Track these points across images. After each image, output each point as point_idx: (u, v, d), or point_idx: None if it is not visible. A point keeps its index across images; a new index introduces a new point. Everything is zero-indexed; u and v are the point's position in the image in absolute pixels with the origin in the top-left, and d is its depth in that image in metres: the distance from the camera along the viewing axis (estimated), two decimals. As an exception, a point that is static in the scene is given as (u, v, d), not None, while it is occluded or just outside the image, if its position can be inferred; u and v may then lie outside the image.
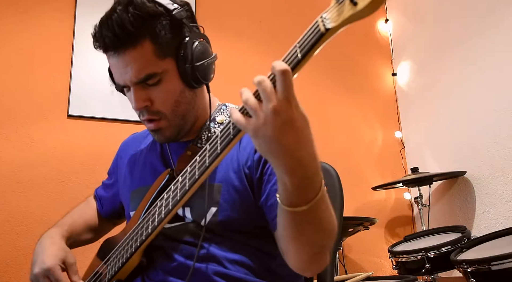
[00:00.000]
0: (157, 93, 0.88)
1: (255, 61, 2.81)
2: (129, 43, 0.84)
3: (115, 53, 0.86)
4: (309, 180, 0.66)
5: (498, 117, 2.42)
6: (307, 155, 0.64)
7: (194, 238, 0.89)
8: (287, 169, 0.64)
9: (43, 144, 2.16)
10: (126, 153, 1.13)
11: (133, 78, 0.86)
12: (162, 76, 0.87)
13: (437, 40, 2.89)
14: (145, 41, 0.85)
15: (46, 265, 0.92)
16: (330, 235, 0.76)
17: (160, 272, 0.88)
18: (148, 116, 0.90)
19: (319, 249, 0.77)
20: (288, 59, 0.62)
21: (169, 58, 0.88)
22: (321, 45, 0.61)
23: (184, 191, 0.79)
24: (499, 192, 2.40)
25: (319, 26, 0.60)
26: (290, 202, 0.68)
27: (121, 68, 0.87)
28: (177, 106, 0.90)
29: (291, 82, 0.60)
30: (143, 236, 0.87)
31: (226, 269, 0.86)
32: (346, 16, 0.57)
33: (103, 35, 0.84)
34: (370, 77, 3.20)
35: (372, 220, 2.30)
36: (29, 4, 2.30)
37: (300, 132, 0.62)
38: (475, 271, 1.46)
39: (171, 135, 0.93)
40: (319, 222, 0.72)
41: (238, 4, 2.89)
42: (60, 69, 2.28)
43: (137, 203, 0.98)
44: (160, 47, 0.86)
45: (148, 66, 0.86)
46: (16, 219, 2.03)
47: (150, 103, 0.89)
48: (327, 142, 2.85)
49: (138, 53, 0.85)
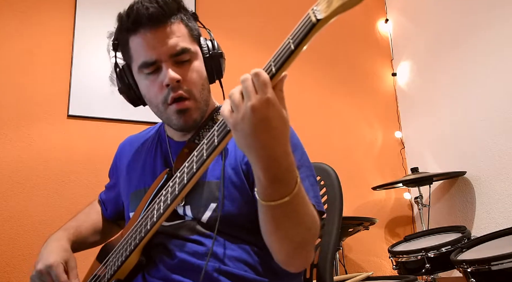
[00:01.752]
0: (188, 72, 0.93)
1: (255, 61, 2.81)
2: (170, 17, 0.92)
3: (152, 27, 0.90)
4: (283, 175, 0.69)
5: (498, 118, 2.42)
6: (281, 153, 0.68)
7: (195, 234, 0.89)
8: (262, 164, 0.68)
9: (43, 144, 2.16)
10: (124, 154, 1.14)
11: (171, 50, 0.91)
12: (192, 56, 0.94)
13: (437, 40, 2.89)
14: (180, 21, 0.94)
15: (49, 261, 0.93)
16: (309, 231, 0.79)
17: (161, 268, 0.88)
18: (179, 92, 0.92)
19: (298, 244, 0.79)
20: (282, 50, 0.65)
21: (196, 44, 0.97)
22: (313, 36, 0.63)
23: (183, 185, 0.79)
24: (499, 192, 2.40)
25: (310, 17, 0.62)
26: (265, 196, 0.72)
27: (158, 42, 0.90)
28: (203, 89, 0.95)
29: (265, 83, 0.64)
30: (142, 233, 0.87)
31: (225, 266, 0.86)
32: (335, 6, 0.59)
33: (147, 7, 0.89)
34: (370, 77, 3.20)
35: (372, 220, 2.30)
36: (29, 4, 2.30)
37: (275, 130, 0.66)
38: (475, 271, 1.46)
39: (197, 118, 0.96)
40: (295, 216, 0.75)
41: (238, 4, 2.89)
42: (60, 69, 2.29)
43: (136, 204, 0.98)
44: (190, 32, 0.96)
45: (185, 40, 0.93)
46: (16, 219, 2.03)
47: (182, 80, 0.92)
48: (327, 142, 2.85)
49: (177, 28, 0.92)
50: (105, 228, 1.18)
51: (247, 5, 2.91)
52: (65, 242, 1.02)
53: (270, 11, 2.97)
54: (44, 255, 0.96)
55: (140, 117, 2.32)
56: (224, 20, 2.76)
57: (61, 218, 2.08)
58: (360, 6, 0.57)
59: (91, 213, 1.19)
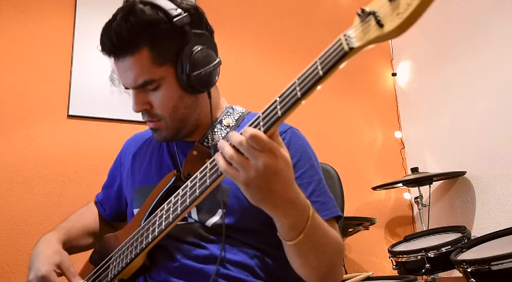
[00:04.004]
0: (156, 98, 0.91)
1: (255, 61, 2.81)
2: (127, 51, 0.87)
3: (116, 59, 0.90)
4: (300, 213, 0.73)
5: (498, 117, 2.42)
6: (294, 193, 0.71)
7: (198, 238, 0.89)
8: (281, 210, 0.71)
9: (43, 144, 2.16)
10: (130, 150, 1.14)
11: (132, 84, 0.90)
12: (160, 83, 0.89)
13: (437, 40, 2.89)
14: (143, 49, 0.86)
15: (41, 272, 0.92)
16: (335, 253, 0.82)
17: (162, 272, 0.88)
18: (147, 118, 0.94)
19: (327, 269, 0.83)
20: (309, 74, 0.64)
21: (167, 65, 0.88)
22: (343, 63, 0.60)
23: (194, 197, 0.77)
24: (499, 192, 2.40)
25: (342, 45, 0.59)
26: (290, 236, 0.74)
27: (122, 72, 0.91)
28: (175, 111, 0.92)
29: (264, 139, 0.64)
30: (149, 238, 0.86)
31: (228, 270, 0.86)
32: (371, 37, 0.55)
33: (103, 42, 0.88)
34: (370, 77, 3.20)
35: (372, 220, 2.30)
36: (29, 4, 2.29)
37: (286, 175, 0.68)
38: (475, 271, 1.46)
39: (168, 136, 0.96)
40: (319, 245, 0.78)
41: (238, 3, 2.89)
42: (60, 69, 2.28)
43: (141, 201, 0.97)
44: (158, 55, 0.87)
45: (145, 73, 0.87)
46: (16, 219, 2.03)
47: (150, 106, 0.92)
48: (327, 142, 2.85)
49: (136, 60, 0.87)
50: (100, 231, 1.16)
51: (247, 6, 2.91)
52: (55, 243, 1.01)
53: (270, 11, 2.97)
54: (35, 262, 0.95)
55: (140, 117, 2.30)
56: (224, 20, 2.76)
57: (61, 218, 2.05)
58: (359, 6, 0.56)
59: (85, 214, 1.17)
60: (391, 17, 0.53)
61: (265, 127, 0.66)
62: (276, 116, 0.65)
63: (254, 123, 0.68)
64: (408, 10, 0.51)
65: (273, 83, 2.79)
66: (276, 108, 0.66)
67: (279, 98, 0.66)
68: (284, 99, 0.65)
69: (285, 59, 2.86)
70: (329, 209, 0.90)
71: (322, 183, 0.93)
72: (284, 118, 0.66)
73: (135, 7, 0.85)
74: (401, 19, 0.52)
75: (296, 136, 0.97)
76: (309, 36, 2.94)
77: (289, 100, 0.65)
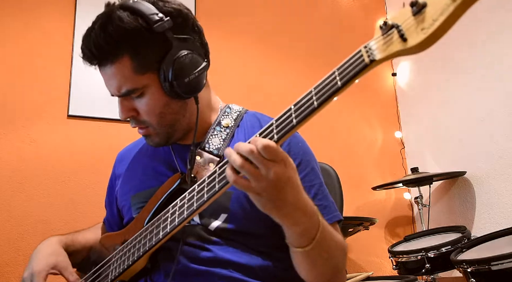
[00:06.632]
0: (141, 105, 0.89)
1: (255, 61, 2.81)
2: (107, 60, 0.85)
3: (98, 67, 0.88)
4: (310, 220, 0.73)
5: (498, 118, 2.42)
6: (304, 200, 0.72)
7: (200, 241, 0.88)
8: (293, 219, 0.71)
9: (43, 144, 2.16)
10: (122, 162, 1.12)
11: (115, 92, 0.89)
12: (144, 91, 0.87)
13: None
14: (123, 58, 0.84)
15: (33, 270, 0.94)
16: (340, 257, 0.84)
17: (163, 274, 0.88)
18: (135, 125, 0.93)
19: (333, 273, 0.84)
20: (327, 84, 0.63)
21: (150, 72, 0.86)
22: (363, 75, 0.59)
23: (202, 201, 0.76)
24: (499, 192, 2.40)
25: (363, 56, 0.59)
26: (300, 243, 0.75)
27: (106, 80, 0.89)
28: (162, 117, 0.90)
29: (278, 150, 0.65)
30: (153, 241, 0.85)
31: (231, 273, 0.86)
32: (393, 50, 0.54)
33: (83, 51, 0.86)
34: (370, 77, 3.19)
35: (372, 220, 2.30)
36: (29, 5, 2.29)
37: (295, 182, 0.69)
38: (475, 271, 1.46)
39: (161, 141, 0.95)
40: (327, 250, 0.79)
41: (238, 3, 2.89)
42: (60, 69, 2.28)
43: (141, 206, 0.96)
44: (140, 63, 0.85)
45: (127, 82, 0.86)
46: (16, 219, 2.03)
47: (136, 113, 0.90)
48: (327, 142, 2.85)
49: (117, 69, 0.85)
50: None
51: (247, 4, 2.91)
52: (55, 243, 1.01)
53: (270, 10, 2.97)
54: (32, 261, 0.96)
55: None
56: (224, 20, 2.76)
57: (61, 218, 2.08)
58: (359, 5, 0.56)
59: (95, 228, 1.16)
60: (415, 31, 0.52)
61: (278, 135, 0.66)
62: (291, 125, 0.65)
63: (266, 131, 0.68)
64: (433, 25, 0.50)
65: (273, 83, 2.79)
66: (291, 116, 0.65)
67: (294, 107, 0.66)
68: (299, 108, 0.65)
69: (285, 58, 2.86)
70: (332, 213, 0.90)
71: (323, 186, 0.93)
72: (298, 128, 0.66)
73: (113, 14, 0.83)
74: (426, 35, 0.51)
75: (296, 138, 0.96)
76: (309, 35, 2.94)
77: (305, 109, 0.65)
